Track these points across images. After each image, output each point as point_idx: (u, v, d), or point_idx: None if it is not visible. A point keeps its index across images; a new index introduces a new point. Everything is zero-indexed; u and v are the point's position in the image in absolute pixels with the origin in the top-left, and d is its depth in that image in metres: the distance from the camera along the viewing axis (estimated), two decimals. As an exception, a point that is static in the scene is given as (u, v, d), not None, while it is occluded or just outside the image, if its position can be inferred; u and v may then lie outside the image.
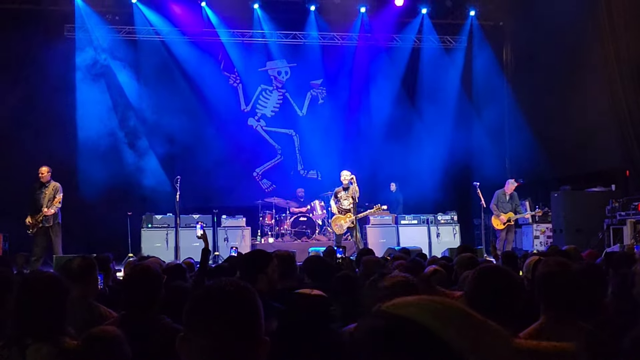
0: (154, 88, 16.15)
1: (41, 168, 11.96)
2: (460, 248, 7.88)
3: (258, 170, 17.72)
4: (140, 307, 3.49)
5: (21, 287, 3.16)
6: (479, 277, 2.83)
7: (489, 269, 2.98)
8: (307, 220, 15.42)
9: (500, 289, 2.71)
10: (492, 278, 2.79)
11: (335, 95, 17.85)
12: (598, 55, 13.79)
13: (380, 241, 14.63)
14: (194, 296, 1.67)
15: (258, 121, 17.90)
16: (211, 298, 1.62)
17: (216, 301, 1.61)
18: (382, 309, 1.11)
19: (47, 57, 14.82)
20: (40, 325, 2.90)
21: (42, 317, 2.97)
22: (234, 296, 1.63)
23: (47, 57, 14.82)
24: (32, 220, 11.76)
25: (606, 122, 13.68)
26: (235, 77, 17.72)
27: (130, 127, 15.97)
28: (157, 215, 14.45)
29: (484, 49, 17.73)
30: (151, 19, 16.41)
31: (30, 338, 2.85)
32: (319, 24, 17.29)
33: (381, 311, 1.11)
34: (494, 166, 16.58)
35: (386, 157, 16.97)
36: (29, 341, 2.82)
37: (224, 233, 14.61)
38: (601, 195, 13.43)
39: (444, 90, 17.55)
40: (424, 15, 17.43)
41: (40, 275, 3.25)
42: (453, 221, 15.51)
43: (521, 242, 15.16)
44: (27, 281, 3.19)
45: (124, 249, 13.57)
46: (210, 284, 1.71)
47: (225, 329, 1.57)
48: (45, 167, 11.99)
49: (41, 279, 3.16)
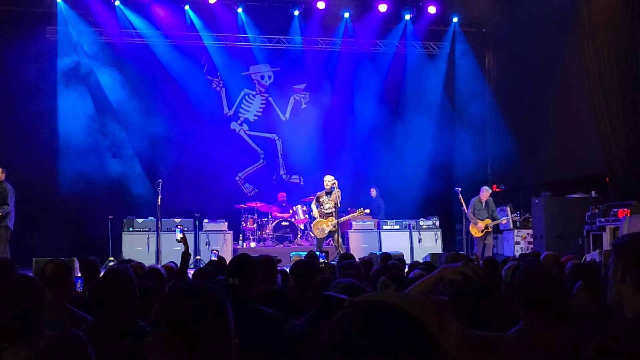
0: (136, 91, 16.05)
1: None
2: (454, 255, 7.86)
3: (240, 175, 17.68)
4: (113, 310, 3.47)
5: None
6: (458, 283, 2.84)
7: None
8: (289, 225, 15.41)
9: (479, 295, 2.72)
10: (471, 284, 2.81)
11: (318, 100, 17.85)
12: (579, 64, 13.90)
13: (362, 246, 14.67)
14: (162, 298, 1.67)
15: (241, 125, 17.87)
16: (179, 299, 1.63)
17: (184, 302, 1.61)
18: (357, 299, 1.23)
19: (28, 59, 14.69)
20: (16, 329, 2.86)
21: (18, 320, 2.93)
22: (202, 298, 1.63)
23: (28, 59, 14.69)
24: None
25: (587, 129, 13.80)
26: (218, 81, 17.68)
27: (112, 130, 15.85)
28: (139, 218, 14.38)
29: (467, 56, 17.84)
30: (134, 22, 16.34)
31: (6, 342, 2.82)
32: (302, 29, 17.30)
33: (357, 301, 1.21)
34: (476, 172, 16.67)
35: (369, 162, 17.03)
36: (5, 345, 2.79)
37: (206, 237, 14.57)
38: (581, 201, 13.54)
39: (427, 96, 17.62)
40: (407, 22, 17.50)
41: (15, 278, 3.21)
42: (435, 226, 15.59)
43: (502, 247, 15.25)
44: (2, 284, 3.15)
45: (104, 253, 13.49)
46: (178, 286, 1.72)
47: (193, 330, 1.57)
48: None
49: (17, 281, 3.13)
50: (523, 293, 3.05)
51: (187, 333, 1.57)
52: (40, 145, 14.79)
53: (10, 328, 2.87)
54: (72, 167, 14.92)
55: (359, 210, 13.55)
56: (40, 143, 14.82)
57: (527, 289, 3.04)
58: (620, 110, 13.08)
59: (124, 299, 3.50)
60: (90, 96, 15.82)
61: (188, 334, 1.57)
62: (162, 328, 1.60)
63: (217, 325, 1.62)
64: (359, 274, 5.03)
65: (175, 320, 1.59)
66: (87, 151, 15.26)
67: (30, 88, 14.68)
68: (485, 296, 2.76)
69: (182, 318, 1.59)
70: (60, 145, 15.40)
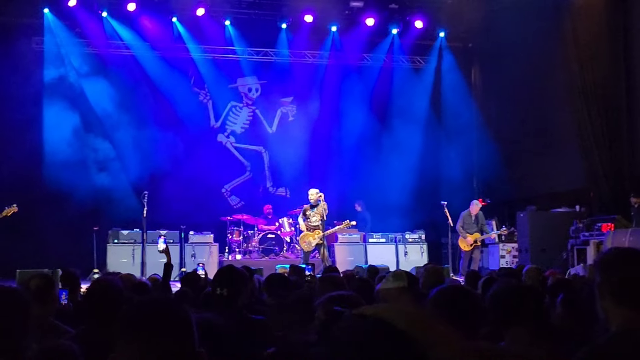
0: (123, 103, 16.00)
1: None
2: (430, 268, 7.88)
3: (227, 187, 17.65)
4: (100, 322, 3.46)
5: None
6: (437, 296, 2.86)
7: (448, 289, 3.01)
8: (275, 237, 15.38)
9: (458, 309, 2.74)
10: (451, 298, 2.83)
11: (305, 113, 17.88)
12: (564, 79, 14.04)
13: (348, 259, 14.67)
14: (123, 312, 1.67)
15: (228, 137, 17.86)
16: (142, 312, 1.63)
17: (147, 315, 1.63)
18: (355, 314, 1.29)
19: (13, 69, 14.64)
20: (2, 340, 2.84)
21: (4, 332, 2.91)
22: (162, 310, 1.65)
23: (13, 69, 14.64)
24: None
25: (571, 143, 13.93)
26: (206, 93, 17.68)
27: (98, 141, 15.78)
28: (124, 230, 14.32)
29: (453, 70, 17.96)
30: (121, 33, 16.30)
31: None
32: (290, 42, 17.35)
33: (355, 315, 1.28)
34: (462, 186, 16.73)
35: (355, 175, 17.05)
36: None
37: (192, 249, 14.53)
38: (566, 215, 13.63)
39: (414, 110, 17.68)
40: (394, 36, 17.61)
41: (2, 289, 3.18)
42: (421, 240, 15.64)
43: (487, 261, 15.28)
44: None
45: (89, 265, 13.42)
46: (141, 299, 1.73)
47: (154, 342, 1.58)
48: None
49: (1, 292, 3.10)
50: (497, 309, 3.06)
51: (149, 345, 1.58)
52: (25, 155, 14.71)
53: None
54: (57, 177, 14.80)
55: (345, 223, 13.57)
56: (25, 153, 14.74)
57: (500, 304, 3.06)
58: (604, 126, 13.23)
59: (111, 309, 3.49)
60: (76, 107, 15.74)
61: (150, 346, 1.58)
62: (125, 341, 1.61)
63: (180, 337, 1.63)
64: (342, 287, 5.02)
65: (136, 333, 1.60)
66: (72, 162, 15.14)
67: (16, 98, 14.62)
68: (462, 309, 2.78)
69: (143, 330, 1.60)
70: (46, 156, 15.29)
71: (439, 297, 2.87)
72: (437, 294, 2.90)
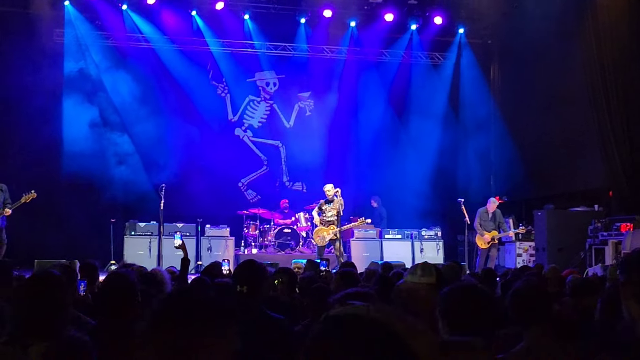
0: (141, 95, 16.07)
1: None
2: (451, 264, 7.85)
3: (243, 181, 17.69)
4: (115, 314, 3.48)
5: (23, 287, 3.17)
6: (448, 294, 2.84)
7: (460, 286, 2.98)
8: (291, 232, 15.39)
9: (471, 307, 2.71)
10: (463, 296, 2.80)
11: (322, 108, 17.86)
12: (585, 77, 13.92)
13: (363, 255, 14.67)
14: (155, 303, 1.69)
15: (245, 131, 17.88)
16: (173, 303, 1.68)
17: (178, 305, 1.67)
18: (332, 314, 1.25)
19: (35, 61, 14.74)
20: (42, 324, 2.87)
21: (45, 316, 2.95)
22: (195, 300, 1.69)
23: (35, 61, 14.74)
24: None
25: (591, 142, 13.81)
26: (224, 87, 17.71)
27: (116, 134, 15.88)
28: (141, 222, 14.40)
29: (472, 67, 17.86)
30: (141, 26, 16.38)
31: (32, 338, 2.82)
32: (308, 37, 17.34)
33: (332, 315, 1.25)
34: (479, 183, 16.67)
35: (372, 170, 17.02)
36: (31, 341, 2.79)
37: (208, 242, 14.58)
38: (584, 215, 13.52)
39: (431, 106, 17.61)
40: (413, 32, 17.54)
41: (42, 275, 3.24)
42: (437, 237, 15.60)
43: (504, 259, 15.21)
44: (30, 281, 3.18)
45: (106, 256, 13.51)
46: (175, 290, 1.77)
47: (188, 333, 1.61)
48: None
49: (44, 278, 3.16)
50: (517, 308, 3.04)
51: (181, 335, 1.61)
52: (44, 146, 14.81)
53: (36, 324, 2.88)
54: (76, 169, 14.93)
55: (360, 220, 13.54)
56: (44, 144, 14.84)
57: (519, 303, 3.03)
58: (625, 124, 13.10)
59: (125, 302, 3.51)
60: (95, 99, 15.86)
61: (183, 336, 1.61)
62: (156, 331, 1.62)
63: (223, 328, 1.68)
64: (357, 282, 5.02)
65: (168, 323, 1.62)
66: (90, 154, 15.27)
67: (36, 90, 14.70)
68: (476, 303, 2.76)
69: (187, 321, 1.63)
70: (65, 148, 15.43)
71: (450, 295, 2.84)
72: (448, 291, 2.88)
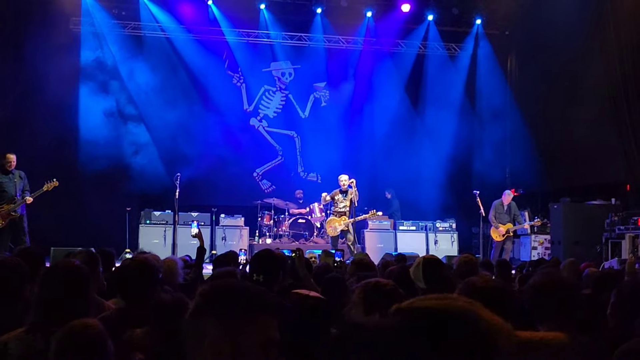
0: (157, 84, 16.10)
1: (10, 155, 11.67)
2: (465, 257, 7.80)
3: (258, 171, 17.71)
4: (135, 299, 3.49)
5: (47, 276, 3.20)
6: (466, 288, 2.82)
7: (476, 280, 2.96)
8: (306, 222, 15.40)
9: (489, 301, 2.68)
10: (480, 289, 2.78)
11: (338, 98, 17.83)
12: (603, 69, 13.78)
13: (377, 246, 14.65)
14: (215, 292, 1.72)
15: (260, 121, 17.89)
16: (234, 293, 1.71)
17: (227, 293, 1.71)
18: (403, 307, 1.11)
19: (51, 49, 14.78)
20: (66, 313, 2.89)
21: (69, 305, 2.99)
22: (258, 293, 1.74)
23: (51, 49, 14.78)
24: None
25: (608, 135, 13.68)
26: (239, 76, 17.71)
27: (132, 123, 15.94)
28: (156, 211, 14.45)
29: (489, 58, 17.74)
30: (157, 15, 16.40)
31: (55, 326, 2.84)
32: (324, 27, 17.28)
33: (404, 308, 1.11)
34: (495, 175, 16.57)
35: (387, 161, 16.97)
36: (54, 329, 2.81)
37: (222, 232, 14.61)
38: (601, 208, 13.42)
39: (448, 98, 17.54)
40: (430, 22, 17.44)
41: (66, 264, 3.27)
42: (451, 229, 15.54)
43: (519, 252, 15.15)
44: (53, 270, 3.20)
45: (121, 244, 13.57)
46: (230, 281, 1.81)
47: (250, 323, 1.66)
48: (13, 154, 11.76)
49: (67, 267, 3.19)
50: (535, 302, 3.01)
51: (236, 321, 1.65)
52: (60, 134, 14.88)
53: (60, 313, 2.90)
54: (91, 157, 15.01)
55: (372, 212, 13.54)
56: (60, 132, 14.91)
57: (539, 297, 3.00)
58: (643, 117, 12.97)
59: (146, 288, 3.52)
60: (111, 88, 15.92)
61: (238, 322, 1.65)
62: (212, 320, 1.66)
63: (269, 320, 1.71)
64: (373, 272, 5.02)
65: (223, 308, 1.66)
66: (107, 143, 15.34)
67: (53, 78, 14.72)
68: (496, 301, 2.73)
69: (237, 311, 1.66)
70: (81, 136, 15.51)
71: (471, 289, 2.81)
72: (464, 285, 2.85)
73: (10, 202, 11.53)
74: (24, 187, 11.76)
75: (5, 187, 11.58)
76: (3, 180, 11.61)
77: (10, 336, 2.92)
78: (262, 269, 3.94)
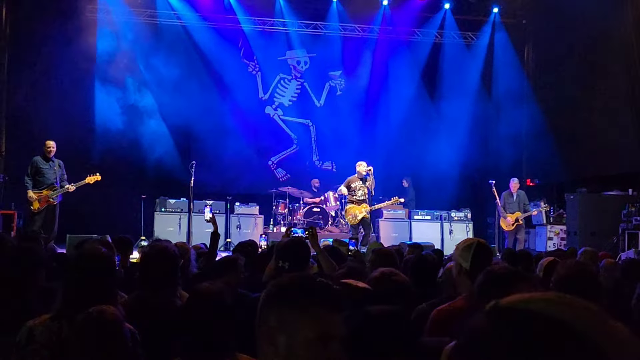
0: (173, 72, 16.11)
1: (50, 142, 11.78)
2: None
3: (273, 159, 17.71)
4: (155, 286, 3.49)
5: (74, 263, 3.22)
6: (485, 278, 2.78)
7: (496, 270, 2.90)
8: (320, 211, 15.39)
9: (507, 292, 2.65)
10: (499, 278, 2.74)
11: (353, 87, 17.78)
12: (621, 59, 13.63)
13: (392, 235, 14.61)
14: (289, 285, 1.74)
15: (275, 110, 17.87)
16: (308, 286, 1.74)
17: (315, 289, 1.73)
18: (502, 305, 0.96)
19: (67, 37, 14.80)
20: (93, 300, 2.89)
21: (96, 292, 3.00)
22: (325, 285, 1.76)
23: (67, 37, 14.80)
24: (37, 195, 11.54)
25: (626, 125, 13.54)
26: (255, 65, 17.69)
27: (147, 111, 15.97)
28: (171, 199, 14.48)
29: (506, 47, 17.60)
30: (173, 3, 16.41)
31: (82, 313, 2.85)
32: (340, 15, 17.22)
33: (502, 307, 0.96)
34: (511, 165, 16.46)
35: (403, 151, 16.90)
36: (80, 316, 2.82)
37: (237, 220, 14.64)
38: (618, 199, 13.31)
39: (464, 87, 17.44)
40: (446, 11, 17.33)
41: (93, 251, 3.28)
42: (467, 219, 15.47)
43: (534, 243, 15.06)
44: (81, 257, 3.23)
45: (136, 232, 13.62)
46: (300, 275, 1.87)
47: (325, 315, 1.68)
48: (52, 141, 11.86)
49: (94, 255, 3.21)
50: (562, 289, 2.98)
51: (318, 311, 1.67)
52: (76, 122, 14.90)
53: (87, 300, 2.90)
54: (107, 145, 15.08)
55: (394, 199, 13.44)
56: (76, 120, 14.94)
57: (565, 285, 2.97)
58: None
59: (167, 275, 3.53)
60: (127, 75, 15.93)
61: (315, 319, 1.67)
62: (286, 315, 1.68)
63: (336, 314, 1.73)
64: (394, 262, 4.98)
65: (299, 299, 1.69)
66: (121, 131, 15.38)
67: (68, 66, 14.79)
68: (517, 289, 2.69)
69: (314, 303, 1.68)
70: (97, 124, 15.57)
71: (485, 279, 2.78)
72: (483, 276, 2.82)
73: (51, 189, 11.69)
74: (62, 176, 11.88)
75: (45, 173, 11.71)
76: (44, 167, 11.74)
77: (36, 322, 2.94)
78: (288, 257, 3.94)
